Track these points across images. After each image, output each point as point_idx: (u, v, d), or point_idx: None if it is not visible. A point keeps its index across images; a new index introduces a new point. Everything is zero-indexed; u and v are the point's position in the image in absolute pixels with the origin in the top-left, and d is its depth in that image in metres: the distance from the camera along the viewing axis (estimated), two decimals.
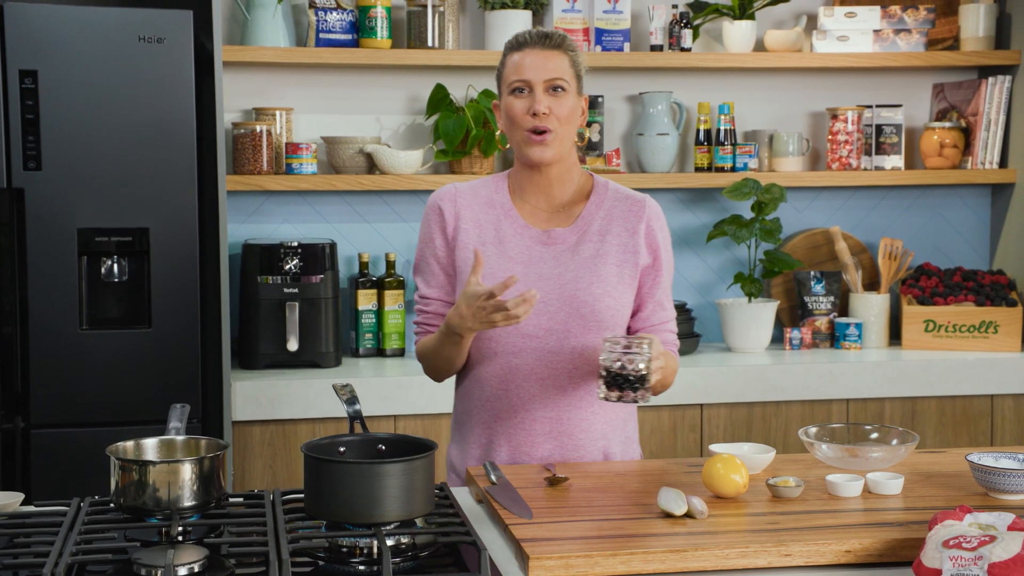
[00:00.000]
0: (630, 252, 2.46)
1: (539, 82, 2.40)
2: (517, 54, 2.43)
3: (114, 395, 3.36)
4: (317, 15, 3.83)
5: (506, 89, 2.44)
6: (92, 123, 3.31)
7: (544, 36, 2.44)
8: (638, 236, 2.47)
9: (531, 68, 2.40)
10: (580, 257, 2.44)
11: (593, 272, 2.43)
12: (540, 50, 2.41)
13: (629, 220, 2.47)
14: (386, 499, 1.93)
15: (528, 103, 2.40)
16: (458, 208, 2.49)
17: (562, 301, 2.41)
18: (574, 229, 2.47)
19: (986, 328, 3.99)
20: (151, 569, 1.79)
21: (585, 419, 2.45)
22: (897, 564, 1.86)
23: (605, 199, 2.50)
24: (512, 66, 2.43)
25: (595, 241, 2.45)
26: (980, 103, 4.18)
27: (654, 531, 1.93)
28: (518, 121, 2.41)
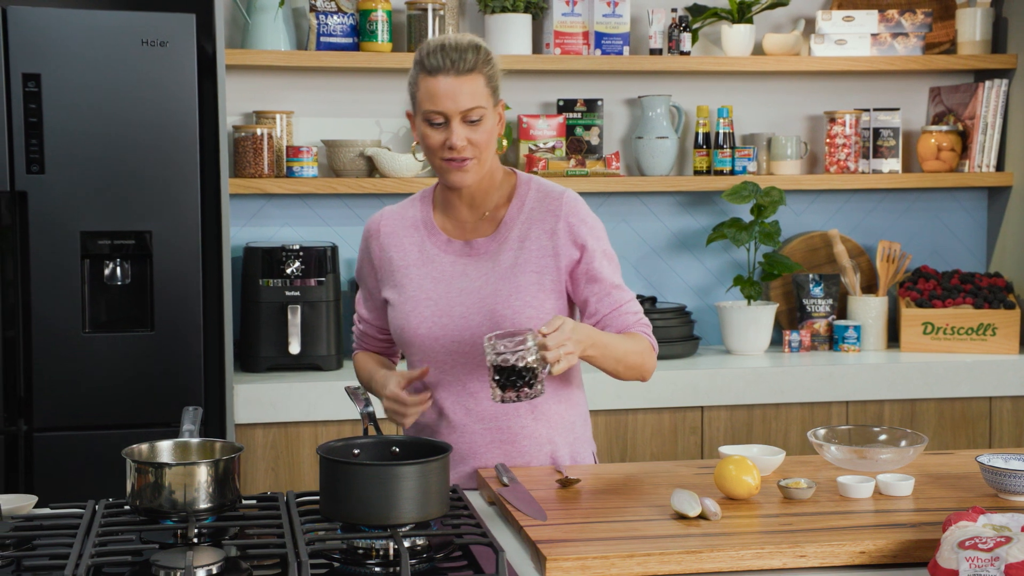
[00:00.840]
0: (549, 256, 2.39)
1: (455, 114, 2.29)
2: (430, 80, 2.30)
3: (116, 398, 3.36)
4: (318, 18, 3.84)
5: (420, 115, 2.33)
6: (95, 126, 3.31)
7: (458, 58, 2.29)
8: (557, 237, 2.39)
9: (446, 98, 2.29)
10: (500, 268, 2.39)
11: (511, 283, 2.38)
12: (454, 78, 2.28)
13: (546, 221, 2.40)
14: (402, 501, 1.94)
15: (444, 136, 2.31)
16: (382, 238, 2.48)
17: (483, 315, 2.37)
18: (496, 237, 2.42)
19: (984, 331, 4.01)
20: (170, 571, 1.79)
21: (527, 426, 2.41)
22: (911, 565, 1.88)
23: (526, 200, 2.43)
24: (426, 93, 2.31)
25: (514, 249, 2.39)
26: (977, 107, 4.20)
27: (668, 532, 1.94)
28: (434, 150, 2.33)
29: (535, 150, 4.03)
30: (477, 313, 2.37)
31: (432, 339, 2.39)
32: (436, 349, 2.40)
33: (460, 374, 2.41)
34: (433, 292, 2.41)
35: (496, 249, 2.41)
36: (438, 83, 2.29)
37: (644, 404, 3.69)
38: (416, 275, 2.43)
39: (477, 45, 2.34)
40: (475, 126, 2.31)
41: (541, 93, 4.13)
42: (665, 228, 4.21)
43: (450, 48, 2.31)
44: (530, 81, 4.10)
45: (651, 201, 4.19)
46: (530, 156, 4.00)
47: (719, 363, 3.88)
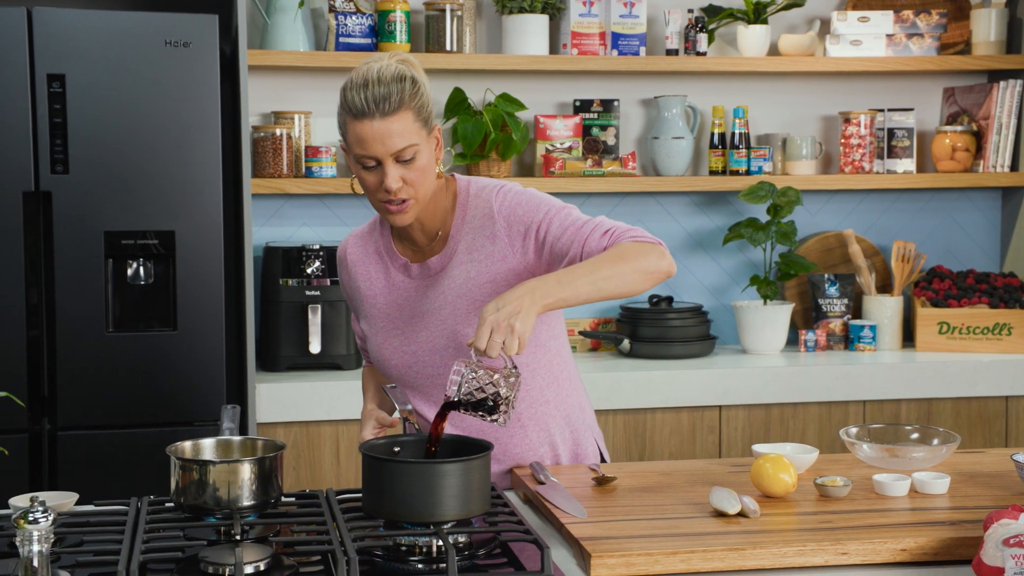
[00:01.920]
0: (498, 260, 2.30)
1: (387, 156, 2.18)
2: (357, 124, 2.17)
3: (139, 397, 3.38)
4: (337, 19, 3.85)
5: (352, 156, 2.23)
6: (119, 127, 3.33)
7: (382, 99, 2.16)
8: (499, 239, 2.30)
9: (374, 142, 2.17)
10: (453, 286, 2.32)
11: (468, 299, 2.30)
12: (380, 120, 2.16)
13: (486, 225, 2.31)
14: (445, 498, 1.96)
15: (378, 178, 2.21)
16: (349, 267, 2.45)
17: (445, 338, 2.32)
18: (445, 253, 2.34)
19: (1000, 330, 4.03)
20: (218, 567, 1.81)
21: (516, 435, 2.38)
22: (952, 563, 1.89)
23: (467, 209, 2.34)
24: (354, 137, 2.19)
25: (464, 263, 2.32)
26: (991, 107, 4.23)
27: (709, 530, 1.96)
28: (371, 192, 2.24)
29: (552, 150, 4.04)
30: (440, 336, 2.32)
31: (405, 367, 2.36)
32: (411, 376, 2.37)
33: (438, 396, 2.34)
34: (398, 320, 2.37)
35: (448, 265, 2.34)
36: (364, 127, 2.17)
37: (662, 403, 3.71)
38: (382, 303, 2.40)
39: (401, 76, 2.19)
40: (409, 164, 2.20)
41: (558, 93, 4.14)
42: (681, 228, 4.23)
43: (373, 85, 2.17)
44: (547, 81, 4.12)
45: (667, 201, 4.21)
46: (547, 156, 4.01)
47: (736, 363, 3.90)
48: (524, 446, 2.40)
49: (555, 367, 2.43)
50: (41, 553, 1.62)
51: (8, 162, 3.26)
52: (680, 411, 3.74)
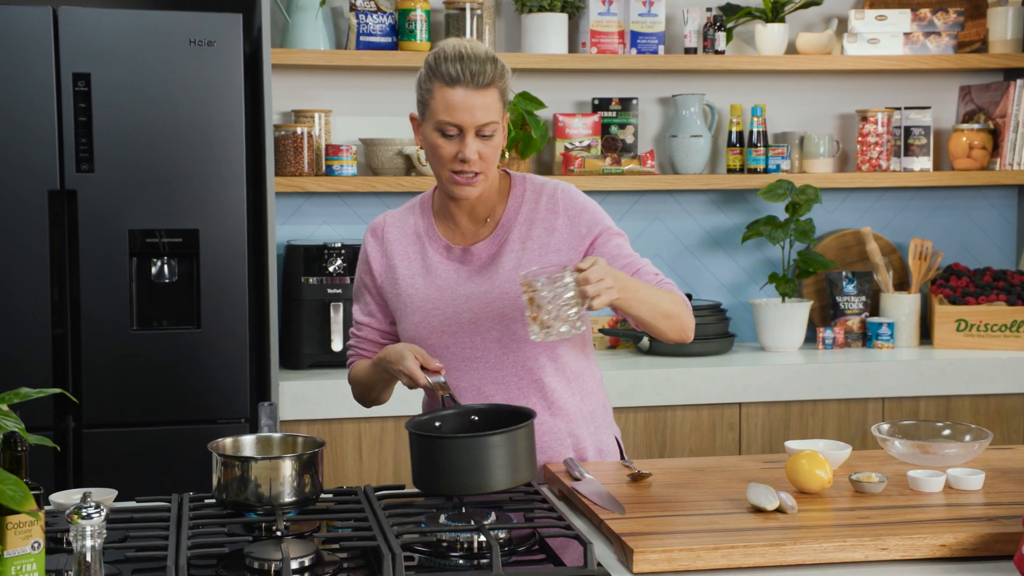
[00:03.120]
0: (553, 252, 2.38)
1: (471, 127, 2.27)
2: (448, 91, 2.27)
3: (164, 395, 3.39)
4: (358, 18, 3.87)
5: (432, 123, 2.30)
6: (143, 125, 3.34)
7: (478, 71, 2.27)
8: (555, 234, 2.39)
9: (463, 111, 2.26)
10: (503, 270, 2.38)
11: (517, 284, 2.36)
12: (473, 91, 2.26)
13: (546, 219, 2.39)
14: (495, 468, 2.02)
15: (457, 148, 2.28)
16: (384, 244, 2.47)
17: (492, 320, 2.37)
18: (494, 240, 2.41)
19: (1018, 327, 4.05)
20: (264, 562, 1.82)
21: (545, 422, 2.41)
22: (992, 558, 1.91)
23: (523, 201, 2.42)
24: (442, 103, 2.28)
25: (516, 250, 2.39)
26: (1008, 105, 4.24)
27: (748, 526, 1.97)
28: (444, 161, 2.31)
29: (571, 148, 4.06)
30: (487, 318, 2.37)
31: (443, 348, 2.39)
32: (448, 358, 2.40)
33: (474, 379, 2.40)
34: (439, 301, 2.40)
35: (496, 252, 2.40)
36: (456, 95, 2.26)
37: (683, 400, 3.72)
38: (420, 285, 2.42)
39: (494, 58, 2.31)
40: (487, 140, 2.29)
41: (577, 92, 4.16)
42: (699, 226, 4.25)
43: (469, 59, 2.27)
44: (566, 80, 4.13)
45: (685, 199, 4.22)
46: (566, 155, 4.02)
47: (755, 360, 3.91)
48: (551, 440, 2.42)
49: (581, 363, 2.47)
50: (94, 548, 1.63)
51: (34, 161, 3.27)
52: (700, 408, 3.75)
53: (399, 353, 2.30)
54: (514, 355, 2.39)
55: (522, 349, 2.38)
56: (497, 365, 2.39)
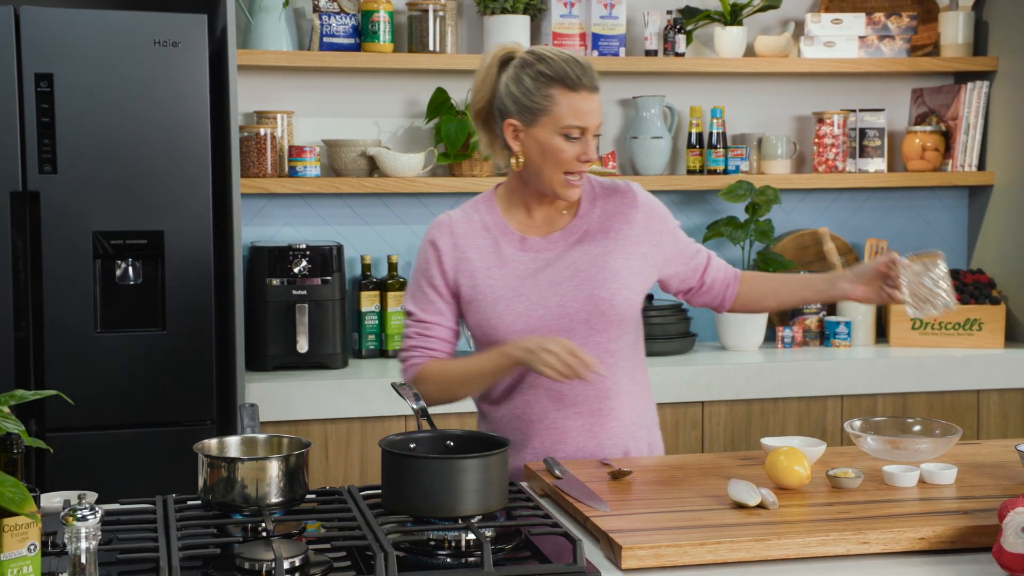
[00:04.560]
0: (633, 243, 2.50)
1: (591, 128, 2.40)
2: (574, 95, 2.37)
3: (128, 398, 3.37)
4: (321, 19, 3.86)
5: (554, 128, 2.38)
6: (107, 126, 3.32)
7: (594, 75, 2.40)
8: (635, 226, 2.50)
9: (588, 114, 2.38)
10: (588, 256, 2.48)
11: (605, 268, 2.47)
12: (591, 94, 2.39)
13: (625, 212, 2.51)
14: (466, 493, 1.99)
15: (580, 149, 2.39)
16: (456, 239, 2.50)
17: (580, 301, 2.45)
18: (571, 231, 2.50)
19: (971, 326, 4.12)
20: (254, 563, 1.82)
21: (615, 408, 2.51)
22: (969, 551, 1.95)
23: (596, 197, 2.54)
24: (569, 108, 2.37)
25: (598, 239, 2.49)
26: (959, 108, 4.32)
27: (732, 521, 2.00)
28: (565, 163, 2.40)
29: None
30: (575, 301, 2.45)
31: (528, 332, 2.43)
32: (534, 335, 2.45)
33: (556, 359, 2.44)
34: (522, 288, 2.46)
35: (576, 241, 2.49)
36: (582, 99, 2.38)
37: None
38: (499, 275, 2.48)
39: None
40: (594, 141, 2.42)
41: None
42: None
43: (584, 64, 2.40)
44: None
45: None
46: None
47: (716, 359, 3.95)
48: (610, 436, 2.50)
49: (637, 360, 2.57)
50: (89, 550, 1.63)
51: None
52: (663, 407, 3.78)
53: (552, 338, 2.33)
54: (599, 336, 2.47)
55: (608, 330, 2.47)
56: (582, 345, 2.42)
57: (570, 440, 2.50)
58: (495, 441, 2.11)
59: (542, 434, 2.50)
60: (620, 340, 2.50)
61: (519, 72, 2.41)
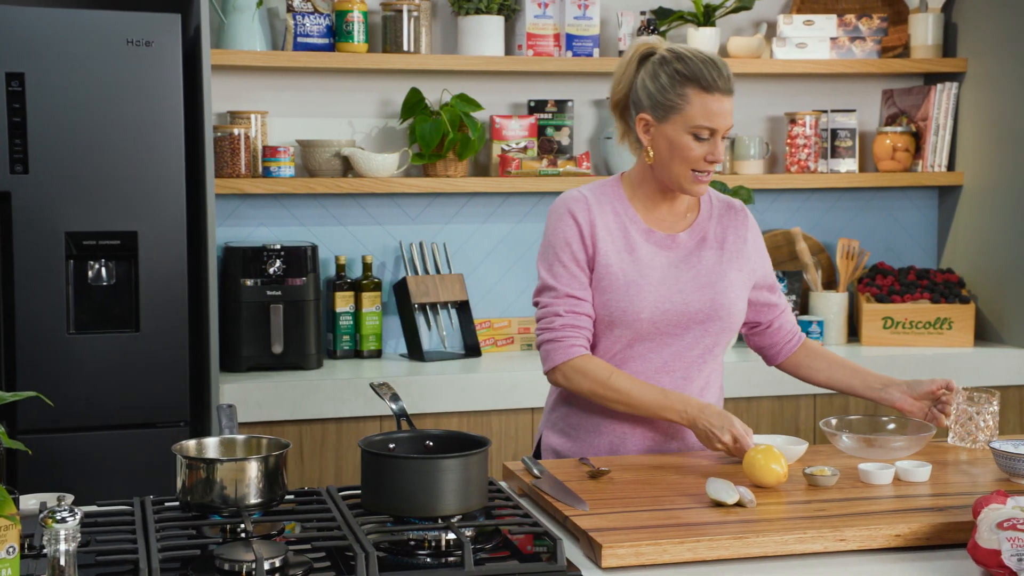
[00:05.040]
0: (744, 258, 2.60)
1: (723, 129, 2.46)
2: (707, 97, 2.43)
3: (102, 399, 3.35)
4: (295, 19, 3.86)
5: (684, 126, 2.44)
6: (80, 126, 3.30)
7: (729, 78, 2.46)
8: (747, 244, 2.62)
9: (719, 116, 2.44)
10: (708, 262, 2.55)
11: (724, 277, 2.55)
12: (725, 97, 2.44)
13: (739, 229, 2.62)
14: (446, 493, 1.99)
15: (708, 149, 2.45)
16: (592, 215, 2.53)
17: (702, 303, 2.52)
18: (693, 233, 2.58)
19: (941, 324, 4.16)
20: (234, 564, 1.82)
21: None
22: (944, 547, 1.97)
23: (713, 207, 2.63)
24: (701, 109, 2.43)
25: (715, 248, 2.58)
26: (929, 108, 4.35)
27: (710, 520, 2.01)
28: (692, 162, 2.46)
29: (507, 150, 4.08)
30: (697, 301, 2.51)
31: (651, 322, 2.49)
32: (649, 331, 2.51)
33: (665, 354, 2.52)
34: (651, 277, 2.51)
35: (697, 245, 2.57)
36: (715, 101, 2.43)
37: None
38: (629, 260, 2.52)
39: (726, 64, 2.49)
40: (723, 143, 2.49)
41: (513, 94, 4.19)
42: None
43: (721, 66, 2.45)
44: (502, 82, 4.16)
45: None
46: (503, 156, 4.05)
47: None
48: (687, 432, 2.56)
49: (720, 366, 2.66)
50: (68, 552, 1.62)
51: None
52: None
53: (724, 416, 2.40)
54: (709, 339, 2.54)
55: (718, 335, 2.55)
56: (690, 347, 2.52)
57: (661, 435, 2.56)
58: (474, 441, 2.12)
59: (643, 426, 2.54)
60: (723, 345, 2.59)
61: (657, 69, 2.47)
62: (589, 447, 2.55)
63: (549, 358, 2.51)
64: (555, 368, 2.49)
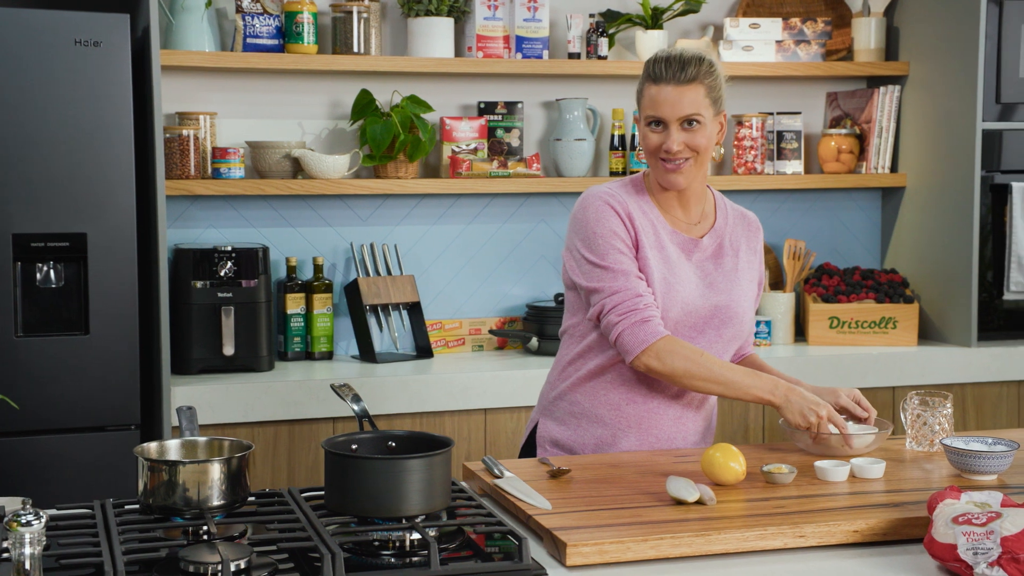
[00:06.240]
0: (755, 269, 2.67)
1: (673, 119, 2.48)
2: (653, 87, 2.50)
3: (51, 402, 3.32)
4: (244, 20, 3.84)
5: (642, 118, 2.54)
6: (27, 127, 3.26)
7: (680, 69, 2.47)
8: (758, 255, 2.69)
9: (665, 104, 2.48)
10: (725, 268, 2.60)
11: (737, 284, 2.60)
12: (675, 86, 2.47)
13: (751, 239, 2.68)
14: (410, 493, 2.00)
15: (662, 139, 2.50)
16: (628, 208, 2.56)
17: (719, 307, 2.57)
18: (712, 238, 2.62)
19: (886, 324, 4.22)
20: (199, 566, 1.81)
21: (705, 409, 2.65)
22: (901, 542, 2.01)
23: (728, 215, 2.67)
24: (648, 99, 2.51)
25: (731, 255, 2.62)
26: (873, 111, 4.42)
27: (671, 517, 2.03)
28: (651, 152, 2.53)
29: (458, 151, 4.09)
30: (715, 304, 2.56)
31: (675, 321, 2.54)
32: (678, 331, 2.54)
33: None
34: (680, 275, 2.55)
35: (715, 251, 2.62)
36: (660, 90, 2.49)
37: None
38: (658, 256, 2.55)
39: (701, 57, 2.51)
40: (692, 131, 2.49)
41: (463, 95, 4.19)
42: None
43: (675, 60, 2.49)
44: (452, 84, 4.16)
45: (570, 202, 4.29)
46: (453, 157, 4.06)
47: None
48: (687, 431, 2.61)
49: None
50: (33, 556, 1.61)
51: None
52: None
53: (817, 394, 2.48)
54: (722, 342, 2.58)
55: (730, 339, 2.59)
56: (706, 347, 2.56)
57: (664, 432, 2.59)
58: (437, 441, 2.12)
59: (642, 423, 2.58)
60: (733, 348, 2.63)
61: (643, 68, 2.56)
62: (591, 437, 2.60)
63: (639, 339, 2.44)
64: (647, 349, 2.42)
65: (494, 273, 4.22)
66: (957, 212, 4.22)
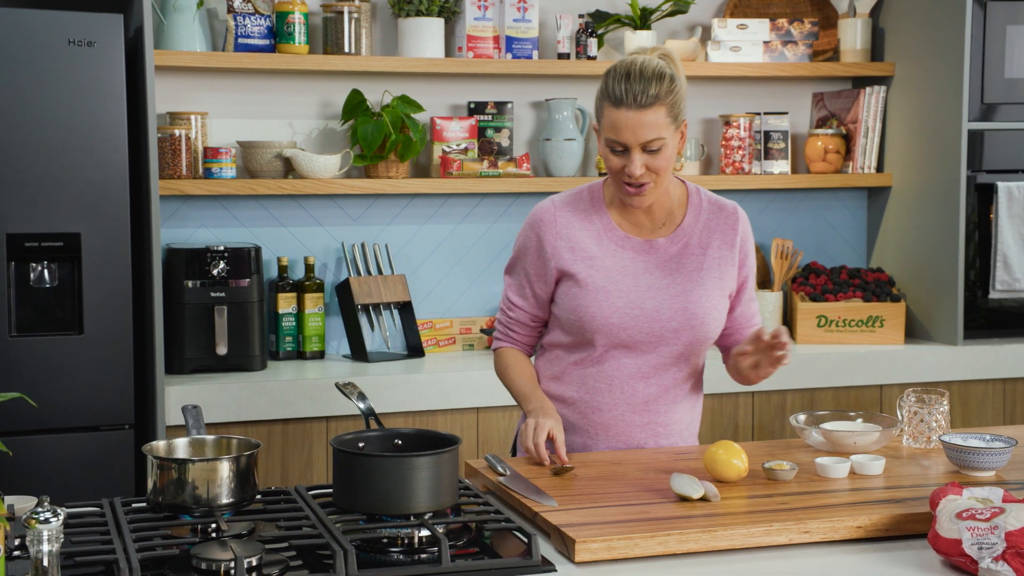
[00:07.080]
0: (728, 265, 2.59)
1: (635, 144, 2.41)
2: (615, 112, 2.40)
3: (45, 402, 3.31)
4: (235, 20, 3.84)
5: (603, 139, 2.46)
6: (21, 127, 3.26)
7: (642, 91, 2.38)
8: (735, 249, 2.60)
9: (626, 130, 2.40)
10: (686, 269, 2.55)
11: (701, 285, 2.55)
12: (636, 111, 2.38)
13: (726, 233, 2.59)
14: (418, 491, 2.02)
15: (623, 162, 2.44)
16: (559, 227, 2.56)
17: (674, 311, 2.53)
18: (674, 239, 2.57)
19: (873, 322, 4.26)
20: (211, 563, 1.82)
21: (676, 412, 2.62)
22: (904, 537, 2.04)
23: (701, 210, 2.60)
24: (608, 121, 2.42)
25: (697, 254, 2.56)
26: (859, 111, 4.46)
27: (677, 514, 2.06)
28: (614, 174, 2.48)
29: (448, 151, 4.10)
30: (668, 308, 2.53)
31: (620, 328, 2.51)
32: (620, 337, 2.53)
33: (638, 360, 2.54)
34: (622, 284, 2.52)
35: (678, 252, 2.56)
36: (620, 116, 2.40)
37: None
38: (600, 266, 2.53)
39: (661, 74, 2.41)
40: (654, 154, 2.43)
41: (453, 96, 4.21)
42: None
43: (635, 79, 2.39)
44: (443, 84, 4.18)
45: None
46: (444, 157, 4.07)
47: None
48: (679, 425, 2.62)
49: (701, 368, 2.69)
50: (51, 553, 1.62)
51: None
52: None
53: (537, 419, 2.45)
54: (683, 346, 2.55)
55: (692, 343, 2.56)
56: (664, 355, 2.55)
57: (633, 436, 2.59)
58: (444, 439, 2.14)
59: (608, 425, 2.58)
60: (700, 353, 2.61)
61: (602, 79, 2.48)
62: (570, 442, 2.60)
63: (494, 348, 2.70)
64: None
65: (484, 272, 4.24)
66: (943, 211, 4.26)
